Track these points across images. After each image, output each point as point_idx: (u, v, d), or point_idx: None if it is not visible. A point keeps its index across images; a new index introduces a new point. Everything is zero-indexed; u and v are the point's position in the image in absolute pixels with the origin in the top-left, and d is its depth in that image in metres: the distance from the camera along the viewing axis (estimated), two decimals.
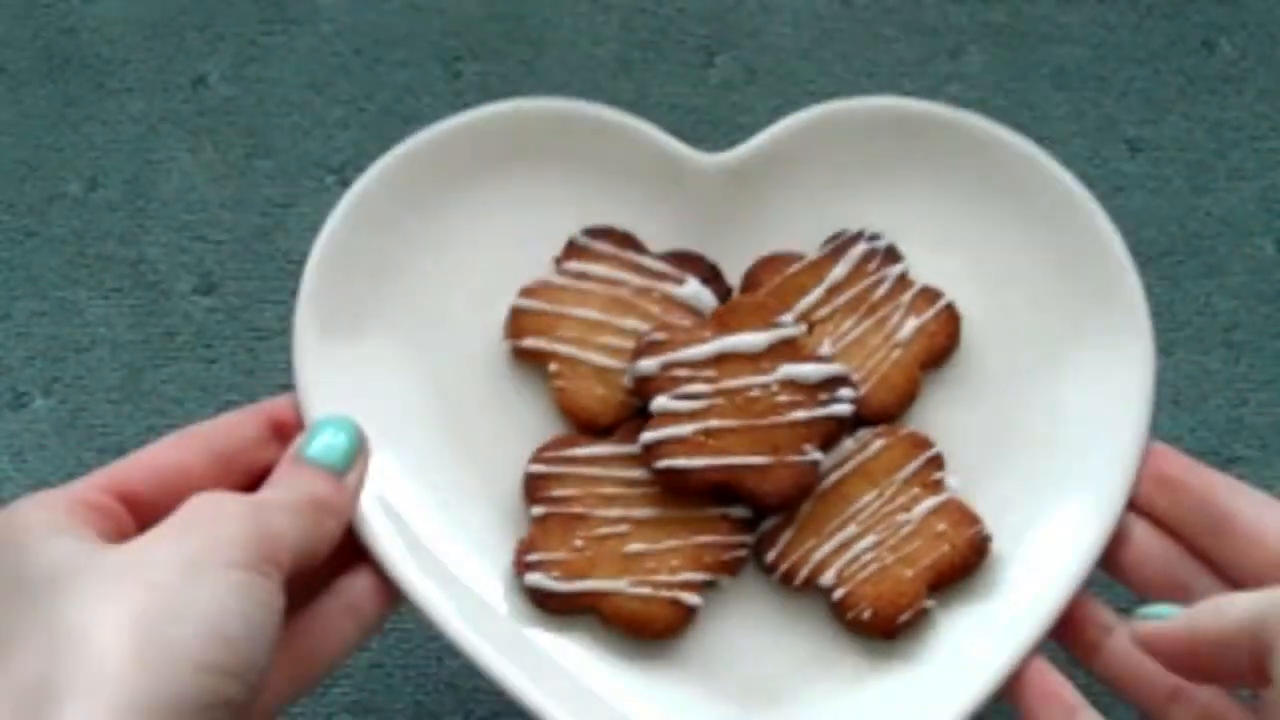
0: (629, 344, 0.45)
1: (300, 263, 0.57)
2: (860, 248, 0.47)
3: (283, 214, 0.58)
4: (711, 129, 0.60)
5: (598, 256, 0.47)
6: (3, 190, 0.59)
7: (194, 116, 0.60)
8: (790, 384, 0.43)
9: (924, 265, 0.48)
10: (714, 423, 0.43)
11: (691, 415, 0.43)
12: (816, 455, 0.43)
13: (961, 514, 0.45)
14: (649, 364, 0.44)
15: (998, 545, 0.45)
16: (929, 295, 0.47)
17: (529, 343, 0.46)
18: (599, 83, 0.61)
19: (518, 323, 0.46)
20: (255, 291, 0.57)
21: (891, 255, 0.47)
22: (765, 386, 0.43)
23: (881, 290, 0.47)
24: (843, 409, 0.44)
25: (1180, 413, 0.55)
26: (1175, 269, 0.58)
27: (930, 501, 0.45)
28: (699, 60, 0.62)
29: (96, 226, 0.58)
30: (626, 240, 0.47)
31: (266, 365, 0.55)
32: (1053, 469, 0.45)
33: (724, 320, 0.45)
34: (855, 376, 0.45)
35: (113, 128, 0.60)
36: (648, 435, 0.43)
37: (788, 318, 0.44)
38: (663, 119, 0.61)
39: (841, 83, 0.61)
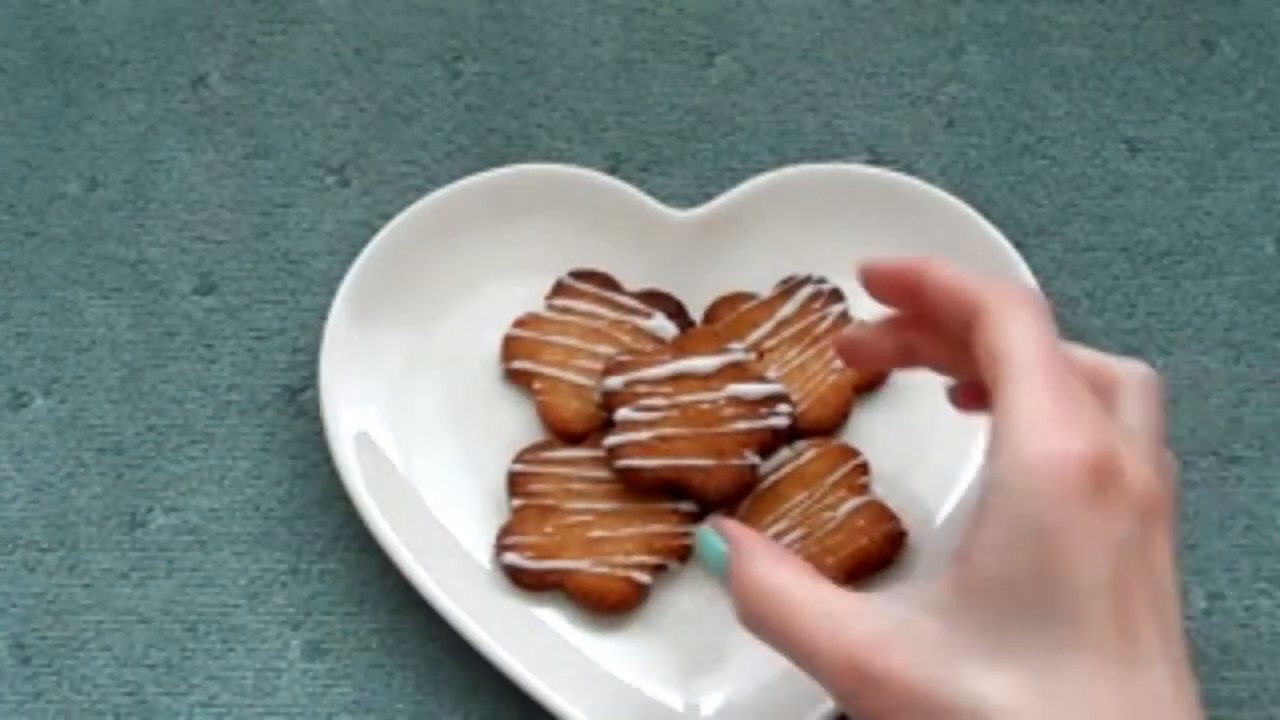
0: (601, 366, 0.53)
1: (300, 263, 0.58)
2: (807, 289, 0.55)
3: (283, 214, 0.58)
4: (711, 129, 0.60)
5: (580, 294, 0.55)
6: (3, 190, 0.59)
7: (194, 116, 0.60)
8: (736, 400, 0.51)
9: (863, 305, 0.52)
10: (668, 430, 0.50)
11: (649, 424, 0.50)
12: (754, 460, 0.50)
13: (881, 512, 0.51)
14: (615, 381, 0.51)
15: (914, 540, 0.51)
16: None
17: (518, 365, 0.54)
18: (599, 83, 0.61)
19: (509, 348, 0.54)
20: (255, 291, 0.57)
21: (835, 296, 0.55)
22: (714, 401, 0.51)
23: (824, 325, 0.54)
24: (780, 421, 0.51)
25: (1180, 413, 0.55)
26: (1175, 269, 0.58)
27: (854, 501, 0.51)
28: (699, 60, 0.62)
29: (96, 226, 0.58)
30: (606, 281, 0.55)
31: (266, 365, 0.55)
32: (963, 472, 0.52)
33: (681, 346, 0.52)
34: (794, 396, 0.52)
35: (113, 128, 0.60)
36: (611, 439, 0.51)
37: (737, 345, 0.52)
38: (663, 119, 0.61)
39: (841, 83, 0.61)
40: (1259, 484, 0.54)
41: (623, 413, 0.51)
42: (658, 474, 0.51)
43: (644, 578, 0.50)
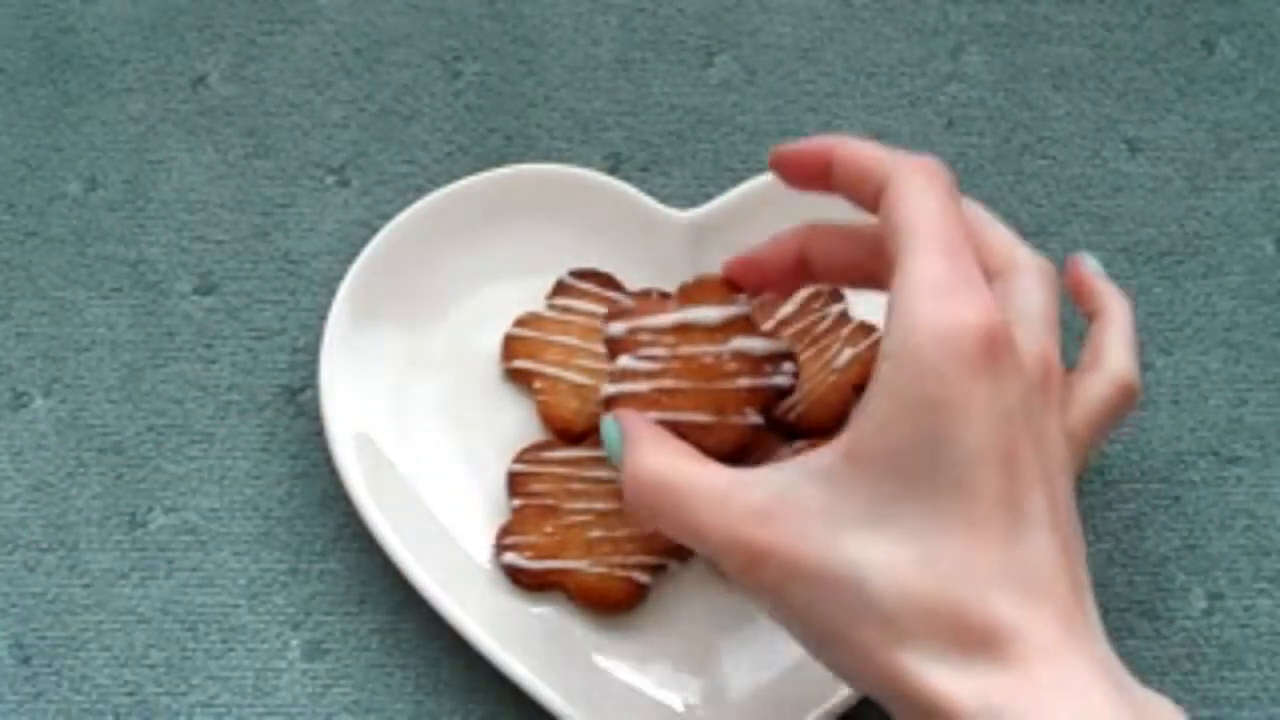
0: (602, 366, 0.53)
1: (300, 263, 0.58)
2: (807, 289, 0.55)
3: (283, 214, 0.58)
4: (711, 129, 0.60)
5: (581, 294, 0.55)
6: (3, 190, 0.59)
7: (194, 116, 0.60)
8: (740, 355, 0.47)
9: (863, 305, 0.55)
10: (668, 383, 0.47)
11: (649, 374, 0.47)
12: (756, 419, 0.47)
13: (864, 329, 0.53)
14: (618, 327, 0.48)
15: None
16: (865, 329, 0.54)
17: (519, 364, 0.54)
18: (599, 83, 0.61)
19: (510, 347, 0.54)
20: (255, 291, 0.57)
21: (835, 295, 0.55)
22: (717, 355, 0.47)
23: (824, 325, 0.54)
24: (783, 380, 0.48)
25: (1180, 413, 0.55)
26: (1175, 269, 0.58)
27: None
28: (699, 60, 0.62)
29: (96, 226, 0.58)
30: (607, 280, 0.56)
31: (266, 365, 0.55)
32: None
33: (688, 295, 0.49)
34: (794, 397, 0.52)
35: (112, 128, 0.60)
36: (609, 388, 0.47)
37: (743, 298, 0.48)
38: (663, 119, 0.61)
39: (841, 83, 0.61)
40: (1259, 484, 0.54)
41: (623, 361, 0.48)
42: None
43: (644, 578, 0.50)
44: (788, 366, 0.48)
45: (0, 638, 0.51)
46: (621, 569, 0.50)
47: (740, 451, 0.49)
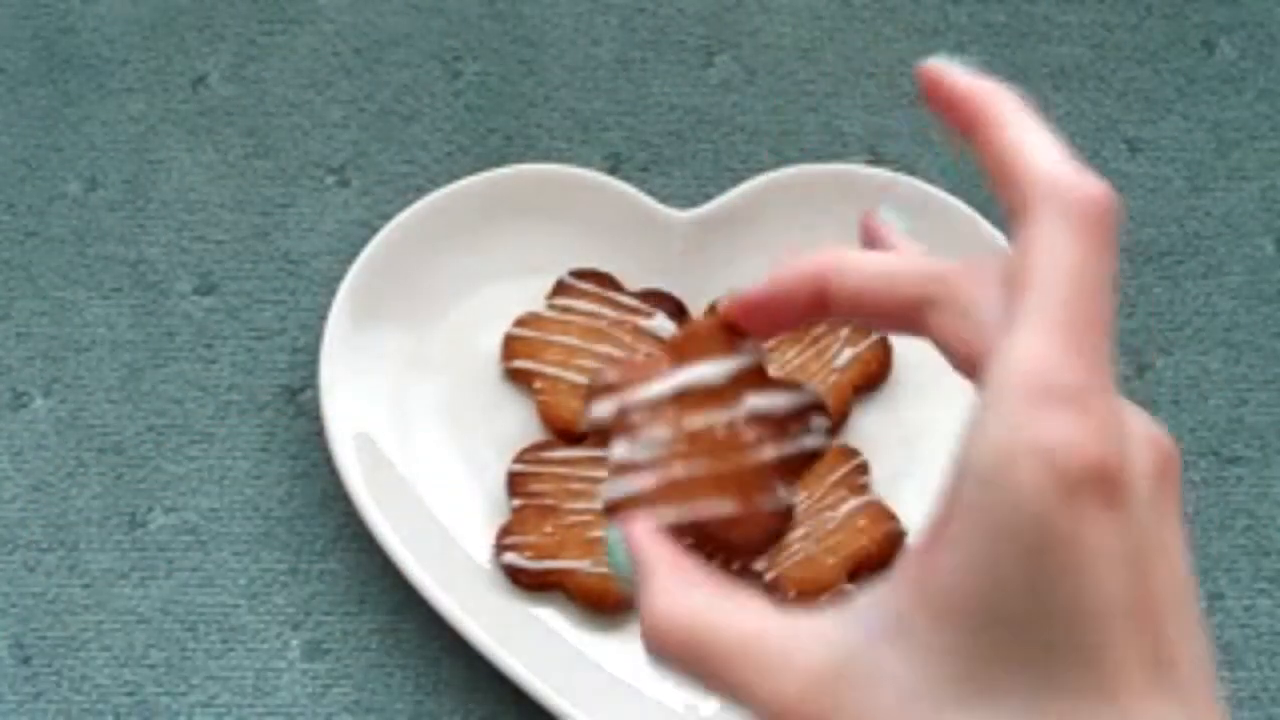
0: (602, 366, 0.52)
1: (300, 263, 0.58)
2: None
3: (283, 214, 0.58)
4: (711, 129, 0.60)
5: (581, 294, 0.55)
6: (3, 190, 0.59)
7: (194, 116, 0.60)
8: (758, 418, 0.39)
9: None
10: (678, 471, 0.38)
11: (652, 464, 0.39)
12: (789, 499, 0.39)
13: (881, 512, 0.51)
14: (602, 408, 0.39)
15: (913, 540, 0.50)
16: (864, 329, 0.54)
17: (518, 364, 0.54)
18: (599, 83, 0.61)
19: (510, 347, 0.54)
20: (255, 291, 0.57)
21: None
22: (730, 424, 0.39)
23: (823, 325, 0.54)
24: (814, 442, 0.39)
25: (1180, 413, 0.55)
26: (1175, 269, 0.58)
27: (854, 502, 0.51)
28: (699, 60, 0.62)
29: (96, 226, 0.58)
30: (607, 280, 0.55)
31: (266, 365, 0.55)
32: None
33: (679, 348, 0.40)
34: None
35: (112, 128, 0.60)
36: (607, 489, 0.39)
37: (750, 344, 0.39)
38: (663, 119, 0.61)
39: (841, 83, 0.61)
40: (1259, 484, 0.54)
41: (618, 451, 0.39)
42: (676, 535, 0.41)
43: None
44: (818, 421, 0.39)
45: (0, 638, 0.51)
46: None
47: (775, 540, 0.40)
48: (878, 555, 0.50)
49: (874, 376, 0.54)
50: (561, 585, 0.50)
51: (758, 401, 0.39)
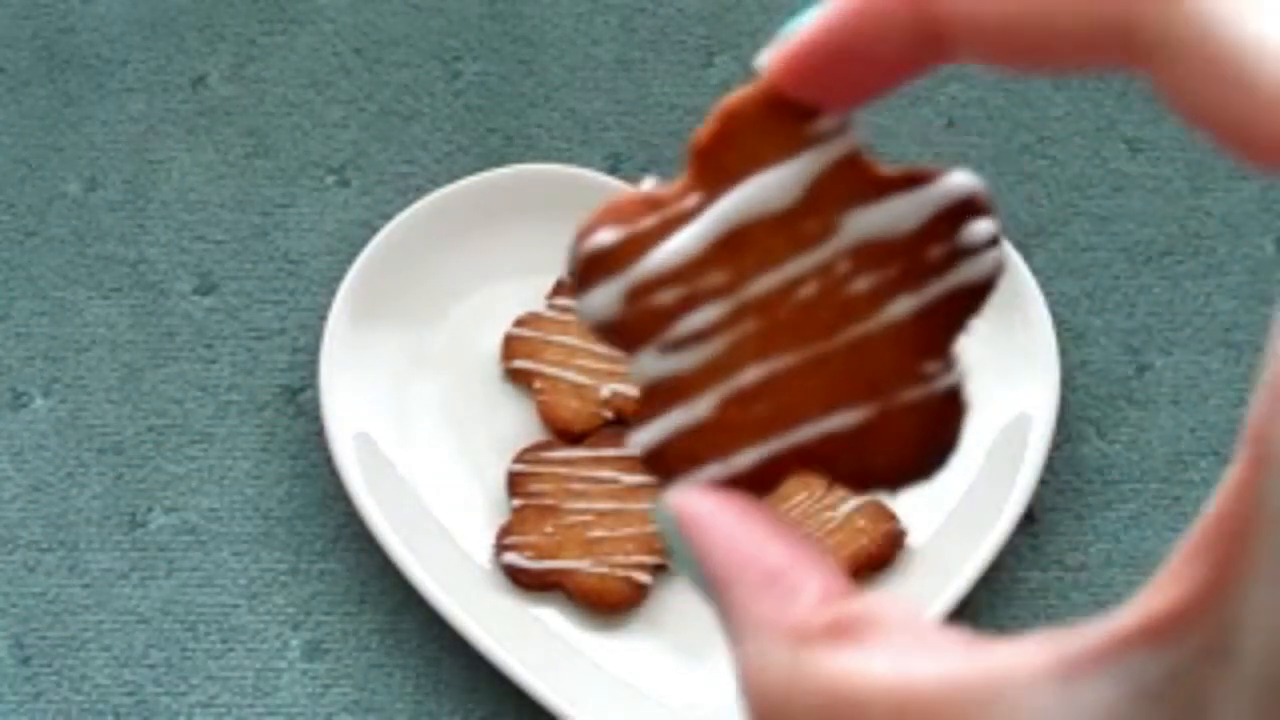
0: (602, 365, 0.53)
1: (300, 263, 0.58)
2: None
3: (283, 214, 0.58)
4: None
5: None
6: (3, 190, 0.59)
7: (194, 116, 0.60)
8: (873, 249, 0.23)
9: None
10: (750, 374, 0.23)
11: (707, 371, 0.23)
12: (952, 377, 0.23)
13: (881, 512, 0.51)
14: (604, 298, 0.23)
15: (914, 540, 0.51)
16: None
17: (518, 364, 0.54)
18: (599, 83, 0.61)
19: (510, 347, 0.54)
20: (255, 291, 0.57)
21: None
22: (827, 271, 0.23)
23: None
24: (978, 269, 0.23)
25: (1180, 413, 0.55)
26: (1175, 269, 0.58)
27: (854, 502, 0.51)
28: (699, 60, 0.62)
29: (96, 226, 0.58)
30: None
31: (266, 365, 0.55)
32: (963, 473, 0.51)
33: (715, 159, 0.23)
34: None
35: (112, 128, 0.60)
36: (642, 436, 0.23)
37: (823, 120, 0.23)
38: (663, 119, 0.61)
39: None
40: None
41: (645, 365, 0.23)
42: (766, 475, 0.23)
43: (644, 578, 0.50)
44: (976, 230, 0.23)
45: (0, 638, 0.51)
46: (621, 569, 0.50)
47: (946, 449, 0.24)
48: (877, 555, 0.50)
49: None
50: (561, 585, 0.50)
51: (866, 220, 0.23)
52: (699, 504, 0.22)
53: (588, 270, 0.24)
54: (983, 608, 0.51)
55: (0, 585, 0.51)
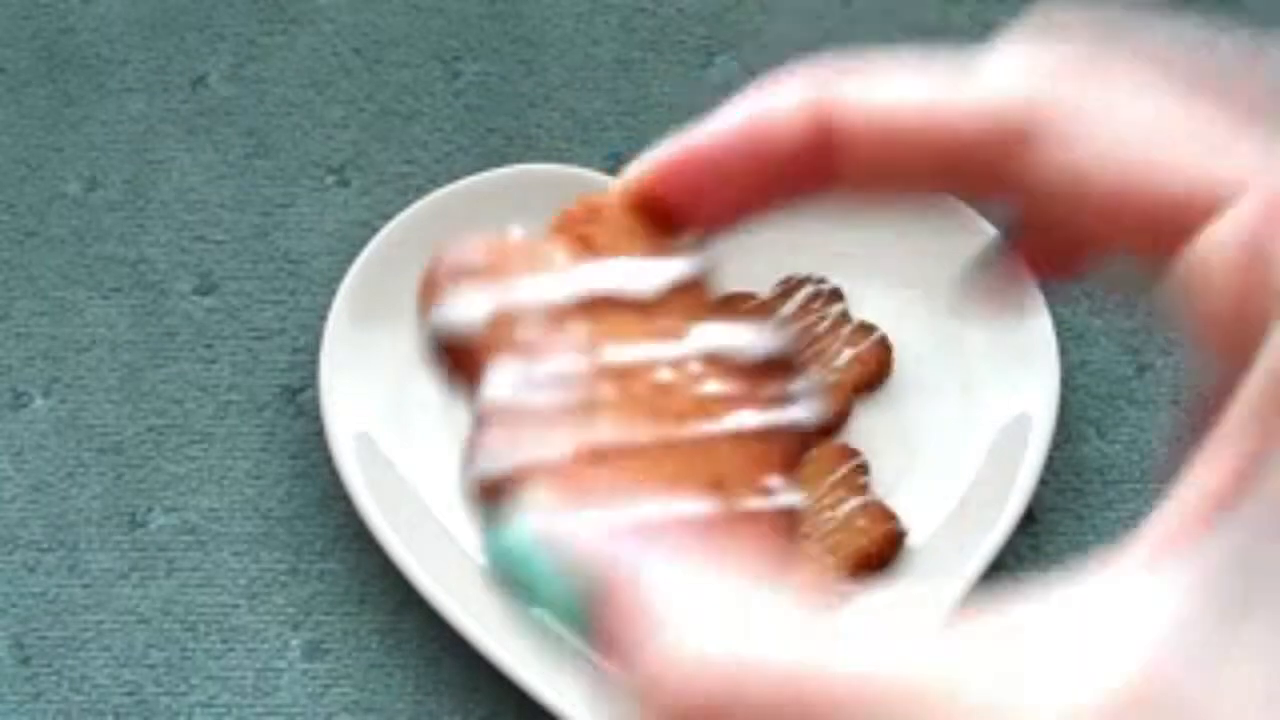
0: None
1: (300, 263, 0.58)
2: (807, 289, 0.55)
3: (283, 214, 0.58)
4: None
5: None
6: (3, 190, 0.59)
7: (194, 116, 0.60)
8: (717, 362, 0.23)
9: (863, 305, 0.55)
10: (605, 432, 0.22)
11: (566, 416, 0.22)
12: (789, 495, 0.23)
13: (881, 512, 0.51)
14: (471, 307, 0.23)
15: (913, 539, 0.51)
16: (865, 329, 0.54)
17: None
18: (599, 83, 0.61)
19: None
20: (255, 291, 0.57)
21: (835, 296, 0.55)
22: (681, 364, 0.23)
23: (823, 325, 0.54)
24: (804, 413, 0.23)
25: (1180, 413, 0.55)
26: None
27: (854, 501, 0.51)
28: (699, 60, 0.62)
29: (96, 226, 0.58)
30: None
31: (266, 365, 0.55)
32: (963, 473, 0.52)
33: (582, 230, 0.24)
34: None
35: (112, 128, 0.60)
36: (484, 460, 0.24)
37: (686, 236, 0.24)
38: (663, 119, 0.61)
39: None
40: None
41: (499, 385, 0.23)
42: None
43: None
44: (804, 383, 0.24)
45: (0, 638, 0.51)
46: None
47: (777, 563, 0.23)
48: (877, 555, 0.50)
49: (874, 377, 0.54)
50: None
51: (714, 336, 0.23)
52: (586, 531, 0.19)
53: (454, 275, 0.23)
54: None
55: (0, 585, 0.51)
